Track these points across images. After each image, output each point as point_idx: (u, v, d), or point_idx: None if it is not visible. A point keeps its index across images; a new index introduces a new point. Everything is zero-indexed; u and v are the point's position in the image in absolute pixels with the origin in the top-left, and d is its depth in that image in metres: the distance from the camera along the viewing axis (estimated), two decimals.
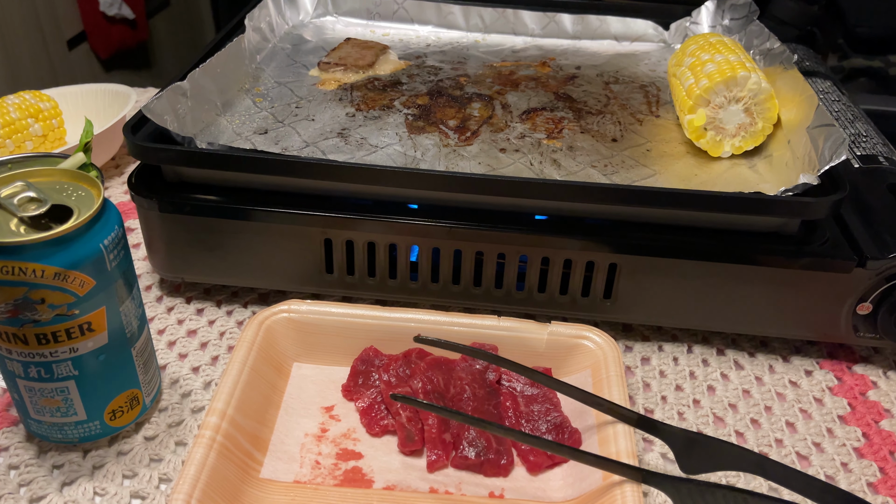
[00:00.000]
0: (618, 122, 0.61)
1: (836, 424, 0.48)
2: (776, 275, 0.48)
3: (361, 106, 0.62)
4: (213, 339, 0.52)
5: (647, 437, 0.46)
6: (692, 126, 0.56)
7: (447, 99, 0.63)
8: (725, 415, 0.48)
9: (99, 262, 0.38)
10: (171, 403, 0.47)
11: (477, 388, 0.46)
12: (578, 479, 0.41)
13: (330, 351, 0.49)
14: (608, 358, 0.46)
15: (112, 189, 0.69)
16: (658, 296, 0.50)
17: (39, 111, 0.69)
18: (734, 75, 0.54)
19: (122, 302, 0.40)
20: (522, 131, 0.59)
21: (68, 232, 0.37)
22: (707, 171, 0.55)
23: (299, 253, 0.51)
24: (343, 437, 0.45)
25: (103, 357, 0.40)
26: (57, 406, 0.41)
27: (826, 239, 0.49)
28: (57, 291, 0.37)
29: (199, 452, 0.39)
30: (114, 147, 0.70)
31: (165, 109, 0.52)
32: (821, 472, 0.44)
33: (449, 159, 0.55)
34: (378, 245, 0.51)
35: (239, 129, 0.58)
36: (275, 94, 0.64)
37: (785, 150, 0.54)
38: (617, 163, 0.55)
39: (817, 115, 0.50)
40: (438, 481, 0.42)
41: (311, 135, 0.57)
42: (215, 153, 0.49)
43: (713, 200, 0.47)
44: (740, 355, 0.53)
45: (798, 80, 0.56)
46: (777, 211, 0.47)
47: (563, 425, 0.44)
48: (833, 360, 0.53)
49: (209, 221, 0.51)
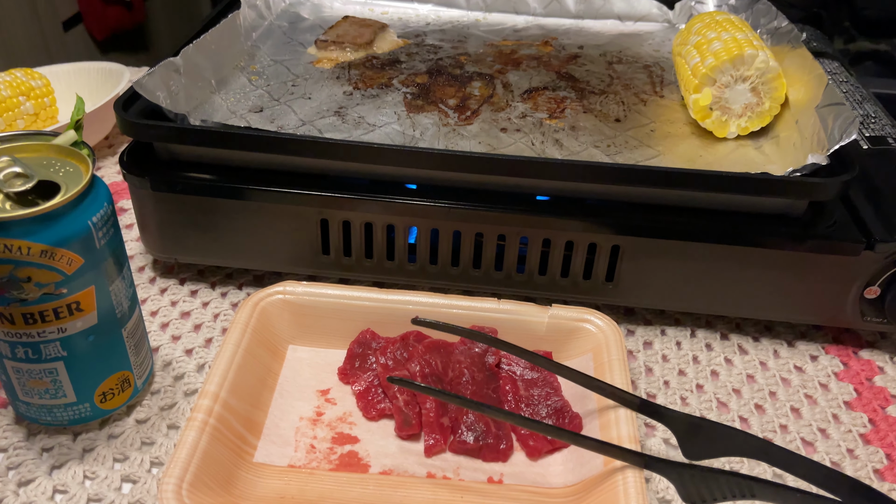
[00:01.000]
0: (621, 102, 0.60)
1: (842, 410, 0.47)
2: (782, 258, 0.47)
3: (359, 84, 0.61)
4: (207, 321, 0.51)
5: (650, 423, 0.45)
6: (697, 106, 0.55)
7: (447, 78, 0.62)
8: (729, 400, 0.47)
9: (87, 240, 0.37)
10: (163, 386, 0.46)
11: (476, 372, 0.45)
12: (579, 464, 0.41)
13: (326, 333, 0.48)
14: (610, 341, 0.45)
15: (105, 169, 0.68)
16: (661, 279, 0.49)
17: (31, 89, 0.68)
18: (741, 53, 0.53)
19: (111, 281, 0.39)
20: (524, 111, 0.58)
21: (55, 208, 0.36)
22: (712, 152, 0.54)
23: (295, 233, 0.50)
24: (339, 420, 0.44)
25: (93, 338, 0.39)
26: (45, 388, 0.40)
27: (834, 221, 0.47)
28: (44, 269, 0.36)
29: (190, 436, 0.38)
30: (107, 126, 0.69)
31: (158, 86, 0.51)
32: (826, 459, 0.44)
33: (448, 139, 0.53)
34: (375, 226, 0.50)
35: (234, 107, 0.56)
36: (271, 72, 0.62)
37: (792, 131, 0.53)
38: (620, 143, 0.54)
39: (826, 94, 0.49)
40: (436, 466, 0.41)
41: (307, 113, 0.56)
42: (209, 130, 0.48)
43: (719, 180, 0.46)
44: (744, 340, 0.52)
45: (806, 58, 0.55)
46: (785, 191, 0.46)
47: (563, 410, 0.43)
48: (839, 344, 0.52)
49: (203, 201, 0.49)
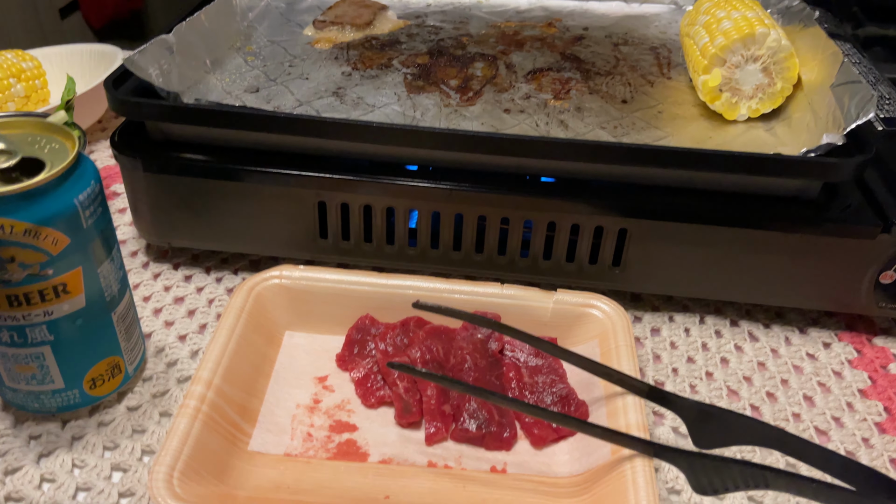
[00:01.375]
0: (628, 83, 0.58)
1: (857, 398, 0.45)
2: (795, 242, 0.46)
3: (358, 65, 0.59)
4: (202, 306, 0.50)
5: (658, 411, 0.44)
6: (706, 87, 0.53)
7: (448, 58, 0.60)
8: (740, 388, 0.46)
9: (73, 219, 0.36)
10: (155, 373, 0.45)
11: (478, 359, 0.43)
12: (585, 453, 0.39)
13: (324, 319, 0.46)
14: (617, 327, 0.44)
15: (98, 153, 0.66)
16: (670, 263, 0.48)
17: (22, 71, 0.66)
18: (752, 32, 0.51)
19: (100, 263, 0.38)
20: (528, 91, 0.56)
21: (39, 185, 0.34)
22: (722, 134, 0.52)
23: (292, 217, 0.49)
24: (337, 408, 0.42)
25: (81, 321, 0.38)
26: (32, 373, 0.39)
27: (849, 204, 0.46)
28: (28, 249, 0.35)
29: (182, 423, 0.37)
30: (100, 109, 0.67)
31: (150, 63, 0.49)
32: (841, 448, 0.42)
33: (450, 119, 0.52)
34: (375, 208, 0.48)
35: (229, 87, 0.55)
36: (267, 52, 0.61)
37: (805, 112, 0.51)
38: (627, 124, 0.52)
39: (842, 72, 0.47)
40: (437, 455, 0.40)
41: (304, 94, 0.54)
42: (202, 108, 0.46)
43: (731, 161, 0.44)
44: (755, 326, 0.50)
45: (820, 37, 0.53)
46: (799, 172, 0.44)
47: (569, 397, 0.42)
48: (852, 331, 0.50)
49: (196, 182, 0.48)
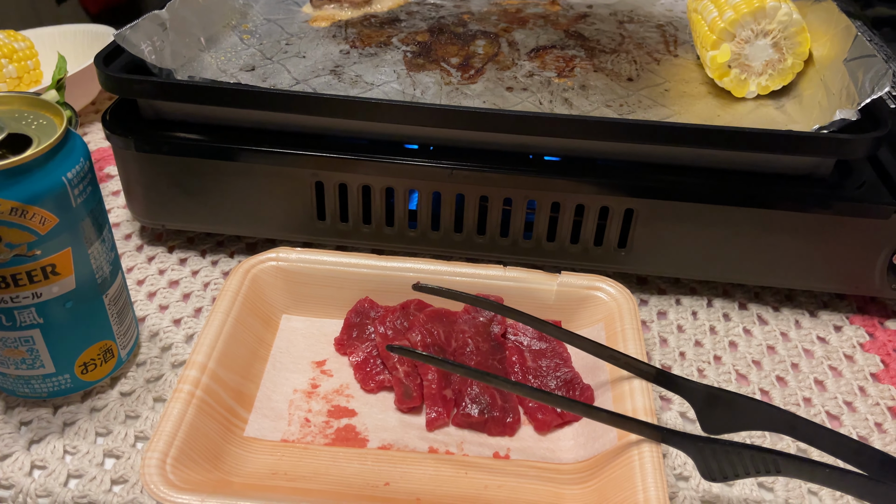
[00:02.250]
0: (633, 60, 0.57)
1: (869, 382, 0.44)
2: (807, 221, 0.44)
3: (356, 43, 0.57)
4: (197, 290, 0.49)
5: (665, 395, 0.42)
6: (715, 63, 0.52)
7: (449, 36, 0.59)
8: (749, 372, 0.44)
9: (62, 198, 0.34)
10: (149, 357, 0.44)
11: (480, 342, 0.42)
12: (591, 438, 0.38)
13: (322, 302, 0.45)
14: (623, 310, 0.43)
15: (91, 134, 0.65)
16: (677, 245, 0.46)
17: (14, 51, 0.65)
18: (762, 5, 0.50)
19: (90, 244, 0.37)
20: (531, 69, 0.54)
21: (25, 162, 0.33)
22: (730, 112, 0.51)
23: (288, 197, 0.47)
24: (335, 393, 0.41)
25: (71, 304, 0.37)
26: (22, 357, 0.38)
27: (862, 182, 0.45)
28: (15, 229, 0.33)
29: (176, 408, 0.36)
30: (93, 90, 0.66)
31: (142, 39, 0.48)
32: (853, 433, 0.41)
33: (451, 97, 0.50)
34: (374, 189, 0.47)
35: (224, 65, 0.53)
36: (263, 30, 0.59)
37: (817, 89, 0.50)
38: (633, 102, 0.51)
39: (855, 47, 0.46)
40: (438, 441, 0.39)
41: (301, 72, 0.53)
42: (195, 85, 0.45)
43: (740, 137, 0.43)
44: (764, 310, 0.49)
45: (832, 11, 0.51)
46: (812, 149, 0.43)
47: (573, 381, 0.41)
48: (864, 314, 0.49)
49: (190, 162, 0.47)
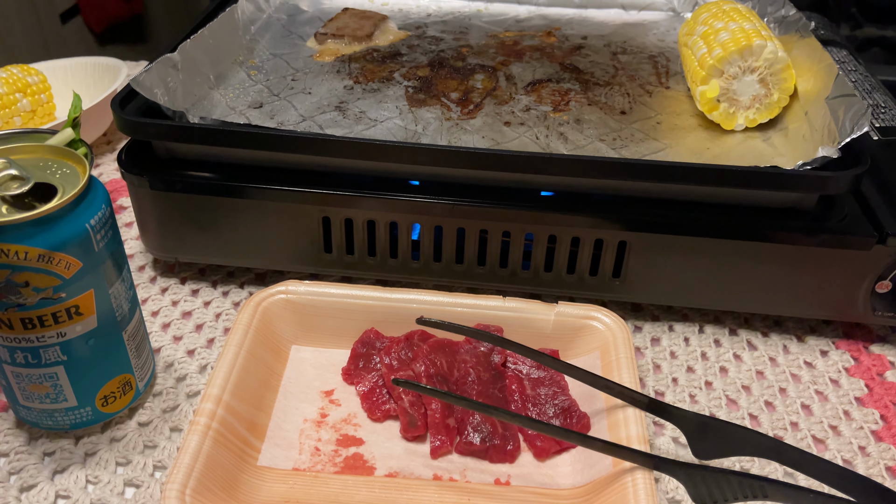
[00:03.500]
0: (626, 93, 0.59)
1: (853, 406, 0.46)
2: (792, 252, 0.46)
3: (360, 78, 0.60)
4: (209, 320, 0.51)
5: (658, 421, 0.44)
6: (704, 98, 0.54)
7: (449, 70, 0.61)
8: (739, 397, 0.46)
9: (85, 243, 0.36)
10: (165, 388, 0.46)
11: (482, 372, 0.44)
12: (587, 465, 0.40)
13: (329, 333, 0.47)
14: (618, 339, 0.45)
15: (104, 166, 0.67)
16: (669, 274, 0.49)
17: (27, 85, 0.67)
18: (749, 44, 0.52)
19: (111, 284, 0.39)
20: (528, 103, 0.57)
21: (52, 211, 0.35)
22: (720, 145, 0.53)
23: (296, 232, 0.50)
24: (343, 422, 0.43)
25: (93, 341, 0.39)
26: (46, 392, 0.39)
27: (845, 215, 0.47)
28: (42, 274, 0.35)
29: (193, 440, 0.38)
30: (105, 123, 0.68)
31: (155, 82, 0.50)
32: (838, 457, 0.43)
33: (451, 133, 0.53)
34: (378, 223, 0.49)
35: (233, 102, 0.56)
36: (270, 66, 0.61)
37: (802, 123, 0.52)
38: (626, 136, 0.53)
39: (837, 85, 0.48)
40: (442, 468, 0.41)
41: (307, 108, 0.55)
42: (207, 128, 0.47)
43: (728, 175, 0.45)
44: (753, 335, 0.51)
45: (815, 48, 0.54)
46: (795, 185, 0.45)
47: (571, 409, 0.43)
48: (849, 339, 0.51)
49: (202, 199, 0.49)
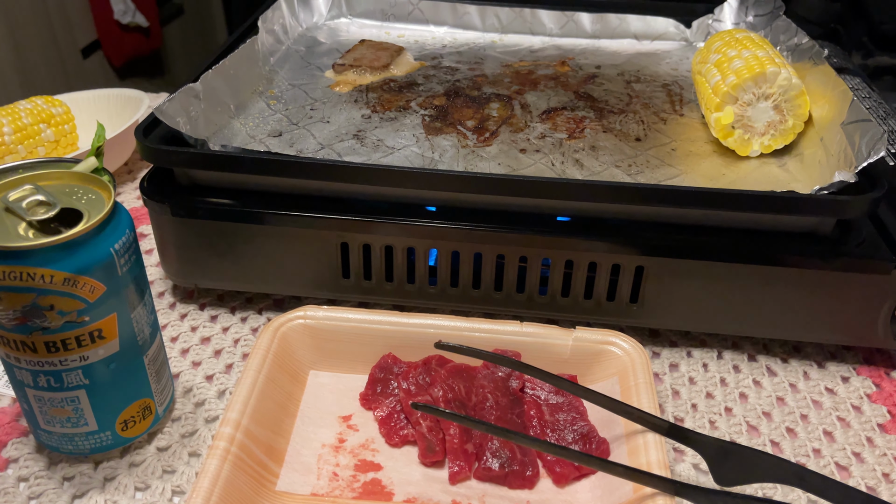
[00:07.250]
0: (641, 121, 0.59)
1: (876, 433, 0.46)
2: (810, 277, 0.46)
3: (377, 107, 0.61)
4: (228, 346, 0.51)
5: (679, 447, 0.44)
6: (719, 124, 0.54)
7: (465, 99, 0.62)
8: (759, 423, 0.46)
9: (109, 267, 0.37)
10: (184, 413, 0.46)
11: (500, 397, 0.44)
12: (608, 491, 0.40)
13: (347, 358, 0.47)
14: (636, 364, 0.44)
15: (125, 195, 0.68)
16: (687, 299, 0.48)
17: (51, 116, 0.68)
18: (763, 71, 0.53)
19: (133, 308, 0.39)
20: (543, 131, 0.57)
21: (78, 236, 0.36)
22: (735, 171, 0.53)
23: (315, 257, 0.50)
24: (361, 447, 0.43)
25: (114, 365, 0.39)
26: (67, 416, 0.40)
27: (862, 239, 0.47)
28: (66, 297, 0.36)
29: (212, 465, 0.38)
30: (126, 152, 0.69)
31: (178, 112, 0.51)
32: (862, 484, 0.42)
33: (468, 160, 0.53)
34: (395, 249, 0.49)
35: (252, 131, 0.57)
36: (289, 96, 0.63)
37: (817, 148, 0.52)
38: (641, 162, 0.54)
39: (852, 111, 0.48)
40: (461, 494, 0.40)
41: (326, 137, 0.56)
42: (228, 155, 0.48)
43: (745, 200, 0.45)
44: (773, 361, 0.51)
45: (829, 75, 0.54)
46: (812, 210, 0.45)
47: (590, 435, 0.42)
48: (870, 365, 0.50)
49: (222, 226, 0.49)
